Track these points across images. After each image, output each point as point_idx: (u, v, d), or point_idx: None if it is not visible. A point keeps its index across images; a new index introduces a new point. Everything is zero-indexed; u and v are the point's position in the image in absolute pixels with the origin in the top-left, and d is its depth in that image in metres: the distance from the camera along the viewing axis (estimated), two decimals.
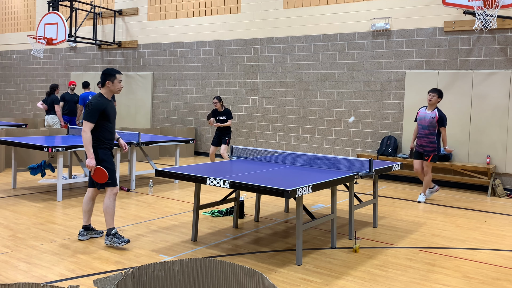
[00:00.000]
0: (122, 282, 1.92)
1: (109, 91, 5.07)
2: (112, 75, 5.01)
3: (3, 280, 3.99)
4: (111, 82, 5.01)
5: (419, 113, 7.78)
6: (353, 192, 5.58)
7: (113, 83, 5.02)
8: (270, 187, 4.17)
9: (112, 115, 5.09)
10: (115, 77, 5.02)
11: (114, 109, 5.16)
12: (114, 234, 4.94)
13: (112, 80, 5.01)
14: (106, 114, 5.01)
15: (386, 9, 10.25)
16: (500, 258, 5.04)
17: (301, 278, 4.25)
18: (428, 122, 7.55)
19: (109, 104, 5.06)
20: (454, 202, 8.06)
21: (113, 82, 5.02)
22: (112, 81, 5.01)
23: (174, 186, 8.59)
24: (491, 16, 8.23)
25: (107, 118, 5.02)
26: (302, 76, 11.35)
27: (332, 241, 5.18)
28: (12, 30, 18.07)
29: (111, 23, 14.93)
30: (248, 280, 2.03)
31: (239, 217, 6.20)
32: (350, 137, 10.72)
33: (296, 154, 6.66)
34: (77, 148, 7.23)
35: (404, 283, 4.22)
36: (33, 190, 7.76)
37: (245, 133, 12.32)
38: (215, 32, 12.81)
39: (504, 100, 8.97)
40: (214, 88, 12.86)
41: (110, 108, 5.06)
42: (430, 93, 7.61)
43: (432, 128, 7.55)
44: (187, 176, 4.75)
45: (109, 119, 5.03)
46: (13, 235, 5.24)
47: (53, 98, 11.86)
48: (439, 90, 7.58)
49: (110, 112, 5.04)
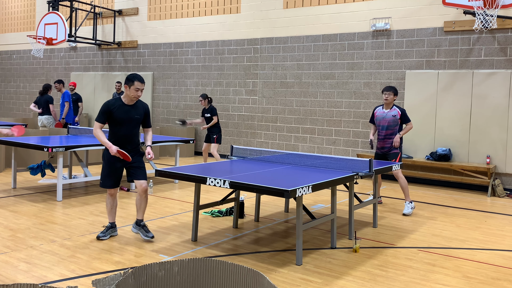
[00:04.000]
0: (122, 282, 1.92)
1: (126, 95, 5.02)
2: (131, 81, 4.93)
3: (3, 280, 3.99)
4: (128, 87, 4.94)
5: (376, 114, 7.20)
6: (353, 192, 5.58)
7: (129, 89, 4.94)
8: (270, 187, 4.17)
9: (122, 120, 4.98)
10: (133, 84, 4.92)
11: (128, 114, 5.02)
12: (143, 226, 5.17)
13: (130, 85, 4.94)
14: (113, 118, 4.98)
15: (386, 9, 10.25)
16: (500, 258, 5.04)
17: (301, 278, 4.25)
18: (389, 122, 7.01)
19: (121, 108, 4.97)
20: (454, 202, 8.06)
21: (129, 87, 4.94)
22: (129, 87, 4.94)
23: (174, 186, 8.59)
24: (491, 16, 8.23)
25: (115, 122, 4.99)
26: (302, 76, 11.35)
27: (332, 241, 5.18)
28: (12, 30, 18.07)
29: (111, 23, 14.93)
30: (248, 280, 2.03)
31: (239, 217, 6.20)
32: (350, 137, 10.72)
33: (296, 154, 6.66)
34: (77, 148, 7.23)
35: (404, 283, 4.22)
36: (33, 190, 7.76)
37: (245, 133, 12.32)
38: (215, 32, 12.81)
39: (504, 100, 8.97)
40: (214, 88, 12.86)
41: (121, 112, 4.97)
42: (385, 92, 7.04)
43: (394, 127, 7.04)
44: (187, 176, 4.75)
45: (117, 123, 4.99)
46: (13, 235, 5.24)
47: (47, 98, 11.78)
48: (394, 88, 7.07)
49: (119, 116, 4.96)
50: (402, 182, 7.02)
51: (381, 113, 7.15)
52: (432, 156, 9.45)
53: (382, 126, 7.11)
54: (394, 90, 7.06)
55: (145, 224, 5.19)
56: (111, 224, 5.31)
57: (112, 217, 5.30)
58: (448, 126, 9.51)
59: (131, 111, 5.04)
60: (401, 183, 7.03)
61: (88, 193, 7.70)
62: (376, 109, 7.25)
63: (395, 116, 7.01)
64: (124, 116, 5.00)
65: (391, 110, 7.07)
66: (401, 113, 7.02)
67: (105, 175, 5.12)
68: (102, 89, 15.07)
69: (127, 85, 4.94)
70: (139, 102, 5.17)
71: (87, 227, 5.65)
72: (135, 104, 5.09)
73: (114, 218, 5.32)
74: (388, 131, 7.06)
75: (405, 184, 7.03)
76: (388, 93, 7.04)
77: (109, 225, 5.30)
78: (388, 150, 7.09)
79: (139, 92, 4.98)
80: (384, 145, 7.11)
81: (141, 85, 4.96)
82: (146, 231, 5.10)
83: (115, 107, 4.97)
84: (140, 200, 5.14)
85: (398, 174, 6.99)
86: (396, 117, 7.01)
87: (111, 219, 5.29)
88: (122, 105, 5.01)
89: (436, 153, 9.38)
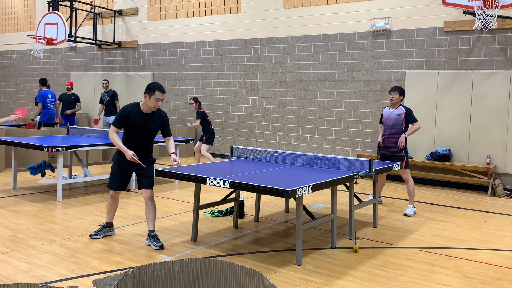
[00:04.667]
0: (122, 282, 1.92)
1: (145, 104, 4.94)
2: (152, 90, 4.84)
3: (3, 280, 3.99)
4: (149, 97, 4.86)
5: (383, 114, 7.16)
6: (353, 192, 5.58)
7: (149, 99, 4.86)
8: (270, 187, 4.17)
9: (138, 127, 4.92)
10: (154, 94, 4.83)
11: (144, 122, 4.94)
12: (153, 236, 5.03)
13: (150, 95, 4.85)
14: (129, 124, 4.92)
15: (386, 9, 10.25)
16: (500, 258, 5.04)
17: (301, 278, 4.25)
18: (393, 120, 6.93)
19: (138, 115, 4.90)
20: (454, 202, 8.06)
21: (150, 97, 4.85)
22: (149, 96, 4.85)
23: (174, 186, 8.59)
24: (491, 16, 8.23)
25: (129, 128, 4.94)
26: (302, 76, 11.35)
27: (332, 241, 5.18)
28: (12, 30, 18.07)
29: (111, 23, 14.93)
30: (248, 280, 2.03)
31: (239, 217, 6.20)
32: (350, 137, 10.72)
33: (296, 154, 6.66)
34: (77, 148, 7.23)
35: (404, 283, 4.22)
36: (33, 190, 7.76)
37: (245, 133, 12.32)
38: (215, 32, 12.81)
39: (504, 100, 8.97)
40: (214, 88, 12.86)
41: (137, 119, 4.90)
42: (390, 92, 7.01)
43: (398, 126, 6.94)
44: (187, 176, 4.75)
45: (132, 130, 4.93)
46: (13, 235, 5.24)
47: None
48: (400, 88, 7.01)
49: (134, 123, 4.90)
50: (410, 186, 6.98)
51: (387, 112, 7.10)
52: (432, 156, 9.45)
53: (387, 125, 7.05)
54: (400, 90, 6.99)
55: (155, 234, 5.06)
56: (107, 223, 5.31)
57: (110, 217, 5.30)
58: (448, 126, 9.51)
59: (147, 120, 4.96)
60: (408, 186, 6.99)
61: (88, 193, 7.70)
62: (384, 110, 7.22)
63: (400, 115, 6.91)
64: (139, 124, 4.94)
65: (397, 109, 7.00)
66: (405, 112, 6.91)
67: (112, 177, 5.12)
68: (102, 89, 15.06)
69: (147, 94, 4.85)
70: (158, 111, 5.07)
71: (87, 227, 5.65)
72: (152, 113, 4.99)
73: (112, 218, 5.33)
74: (393, 130, 6.96)
75: (413, 189, 6.99)
76: (393, 93, 6.99)
77: (104, 224, 5.32)
78: (393, 151, 6.97)
79: (159, 102, 4.88)
80: (389, 145, 7.00)
81: (162, 95, 4.86)
82: (156, 241, 4.98)
83: (132, 113, 4.91)
84: (147, 209, 5.04)
85: (407, 177, 6.94)
86: (401, 115, 6.90)
87: (109, 219, 5.31)
88: (139, 112, 4.93)
89: (436, 153, 9.38)
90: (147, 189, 5.03)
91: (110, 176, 5.15)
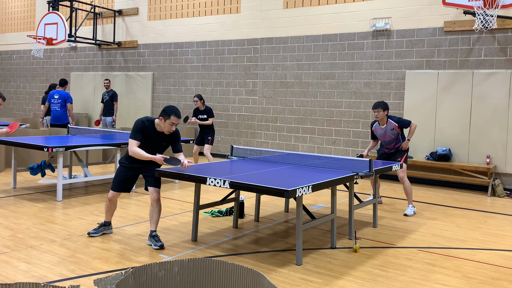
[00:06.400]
0: (122, 282, 1.92)
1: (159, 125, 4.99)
2: (167, 114, 4.86)
3: (3, 280, 3.99)
4: (164, 120, 4.90)
5: (375, 131, 7.12)
6: (353, 192, 5.58)
7: (164, 122, 4.90)
8: (270, 187, 4.17)
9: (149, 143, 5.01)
10: (169, 118, 4.86)
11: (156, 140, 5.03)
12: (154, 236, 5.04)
13: (165, 119, 4.88)
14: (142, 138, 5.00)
15: (386, 9, 10.25)
16: (500, 258, 5.04)
17: (301, 278, 4.25)
18: (390, 136, 7.00)
19: (151, 132, 4.97)
20: (454, 202, 8.06)
21: (164, 121, 4.89)
22: (164, 120, 4.89)
23: (174, 186, 8.59)
24: (491, 16, 8.23)
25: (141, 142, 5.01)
26: (302, 76, 11.35)
27: (332, 241, 5.18)
28: (12, 30, 18.07)
29: (111, 23, 14.93)
30: (248, 280, 2.03)
31: (239, 217, 6.20)
32: (350, 137, 10.72)
33: (296, 154, 6.66)
34: (77, 148, 7.23)
35: (404, 283, 4.22)
36: (33, 190, 7.76)
37: (245, 133, 12.32)
38: (215, 32, 12.82)
39: (504, 100, 8.97)
40: (214, 88, 12.86)
41: (150, 135, 4.99)
42: (374, 109, 6.88)
43: (396, 137, 7.02)
44: (187, 176, 4.75)
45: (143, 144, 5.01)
46: (13, 235, 5.24)
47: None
48: (382, 103, 6.89)
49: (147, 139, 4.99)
50: (407, 187, 7.00)
51: (379, 129, 7.06)
52: (432, 156, 9.45)
53: (386, 141, 7.10)
54: (383, 105, 6.88)
55: (156, 234, 5.07)
56: (105, 222, 5.34)
57: (108, 217, 5.32)
58: (448, 126, 9.51)
59: (159, 138, 5.06)
60: (405, 187, 7.01)
61: (88, 193, 7.70)
62: (374, 126, 7.15)
63: (394, 130, 6.97)
64: (152, 141, 5.04)
65: (387, 125, 6.97)
66: (397, 124, 6.93)
67: (115, 178, 5.19)
68: (102, 89, 15.04)
69: (163, 117, 4.89)
70: None
71: (87, 227, 5.65)
72: None
73: (110, 218, 5.35)
74: (393, 143, 7.09)
75: (409, 188, 7.01)
76: (377, 110, 6.87)
77: (102, 223, 5.36)
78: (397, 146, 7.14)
79: (173, 127, 4.93)
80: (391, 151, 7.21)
81: (177, 120, 4.88)
82: (156, 241, 5.00)
83: (147, 129, 4.98)
84: (152, 210, 5.06)
85: (403, 178, 6.96)
86: (395, 129, 6.96)
87: (107, 218, 5.34)
88: (153, 129, 5.00)
89: (436, 153, 9.38)
90: (153, 188, 5.04)
91: (114, 178, 5.22)
